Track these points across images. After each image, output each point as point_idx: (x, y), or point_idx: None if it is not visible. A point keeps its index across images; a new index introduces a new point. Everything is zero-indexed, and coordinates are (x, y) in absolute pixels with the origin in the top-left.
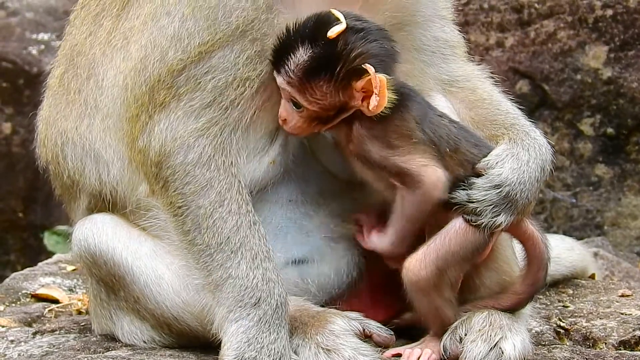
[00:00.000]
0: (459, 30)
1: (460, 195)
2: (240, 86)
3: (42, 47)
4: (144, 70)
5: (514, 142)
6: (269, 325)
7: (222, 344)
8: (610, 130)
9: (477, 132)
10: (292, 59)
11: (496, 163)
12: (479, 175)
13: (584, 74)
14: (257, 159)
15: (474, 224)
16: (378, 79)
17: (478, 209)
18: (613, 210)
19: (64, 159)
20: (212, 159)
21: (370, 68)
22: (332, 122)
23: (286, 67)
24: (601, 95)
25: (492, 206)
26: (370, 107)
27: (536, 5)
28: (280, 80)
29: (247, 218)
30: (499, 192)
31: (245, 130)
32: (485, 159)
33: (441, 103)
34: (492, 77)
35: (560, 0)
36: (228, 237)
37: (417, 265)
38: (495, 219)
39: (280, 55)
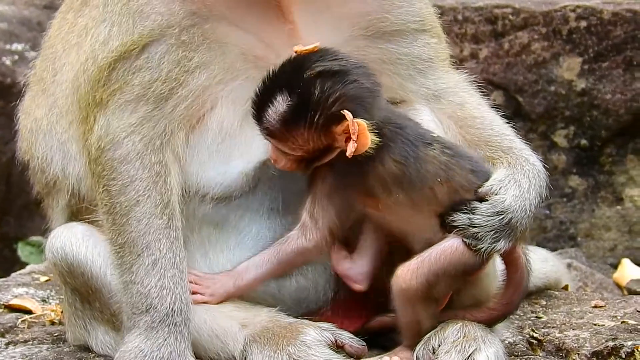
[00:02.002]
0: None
1: (462, 219)
2: (167, 83)
3: (16, 57)
4: (85, 73)
5: (514, 167)
6: (155, 332)
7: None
8: (584, 141)
9: (474, 154)
10: (269, 110)
11: (499, 189)
12: (481, 200)
13: (557, 85)
14: (221, 164)
15: (474, 248)
16: (356, 124)
17: (479, 234)
18: (587, 221)
19: (35, 149)
20: (141, 156)
21: (347, 114)
22: (321, 161)
23: (265, 119)
24: (575, 107)
25: (493, 232)
26: (347, 153)
27: (510, 16)
28: (261, 131)
29: (161, 220)
30: (501, 219)
31: (193, 131)
32: (488, 184)
33: (426, 117)
34: (478, 88)
35: (534, 12)
36: (134, 239)
37: (408, 275)
38: (494, 244)
39: (258, 107)
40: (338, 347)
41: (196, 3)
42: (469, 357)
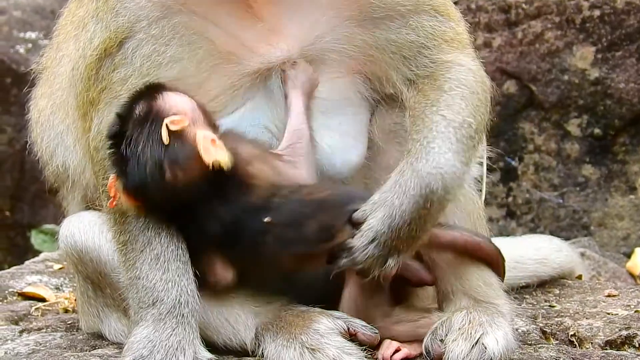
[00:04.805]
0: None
1: (345, 262)
2: (140, 78)
3: (30, 45)
4: (78, 70)
5: (395, 179)
6: (163, 323)
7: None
8: (597, 130)
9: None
10: None
11: (370, 213)
12: (357, 224)
13: (571, 74)
14: None
15: (367, 277)
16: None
17: (365, 268)
18: (600, 210)
19: (41, 139)
20: None
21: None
22: None
23: None
24: (588, 96)
25: (375, 259)
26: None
27: (524, 5)
28: None
29: None
30: (376, 245)
31: None
32: (362, 208)
33: None
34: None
35: (548, 1)
36: (136, 236)
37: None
38: (384, 267)
39: None
40: (351, 336)
41: None
42: (477, 342)
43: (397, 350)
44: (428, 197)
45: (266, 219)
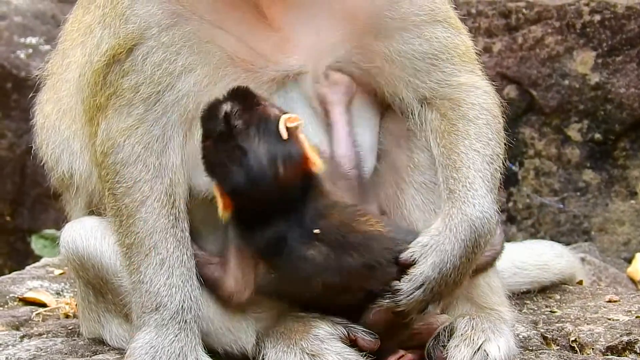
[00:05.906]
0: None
1: (388, 304)
2: (152, 86)
3: (30, 51)
4: (85, 75)
5: (445, 222)
6: (166, 329)
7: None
8: (597, 135)
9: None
10: None
11: (420, 256)
12: (404, 266)
13: (571, 79)
14: None
15: (405, 321)
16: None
17: (405, 310)
18: (600, 215)
19: (46, 145)
20: (142, 158)
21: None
22: None
23: None
24: (589, 101)
25: (418, 303)
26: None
27: (524, 10)
28: None
29: (167, 220)
30: (423, 291)
31: (191, 133)
32: (411, 249)
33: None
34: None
35: (548, 6)
36: (142, 239)
37: None
38: (423, 311)
39: None
40: (351, 341)
41: (173, 3)
42: (479, 348)
43: (400, 357)
44: (477, 240)
45: (316, 230)
